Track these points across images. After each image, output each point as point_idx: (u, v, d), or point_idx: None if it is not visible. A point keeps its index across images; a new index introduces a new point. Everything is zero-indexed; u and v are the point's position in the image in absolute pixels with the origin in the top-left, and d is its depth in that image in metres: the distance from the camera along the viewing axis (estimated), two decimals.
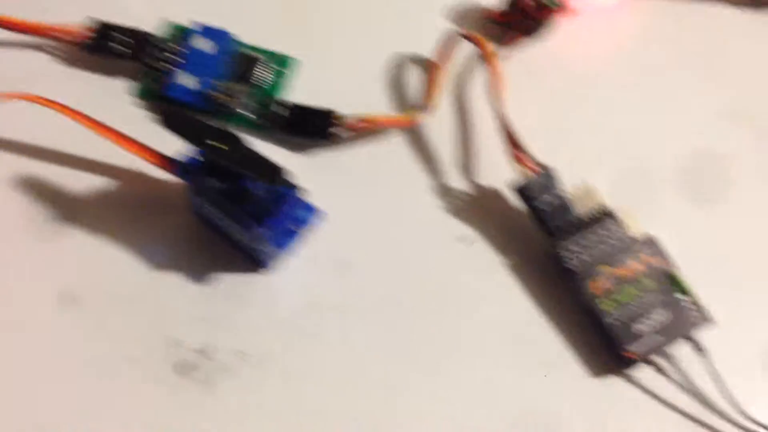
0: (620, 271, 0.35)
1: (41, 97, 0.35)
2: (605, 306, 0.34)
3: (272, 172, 0.31)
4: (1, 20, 0.38)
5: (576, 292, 0.35)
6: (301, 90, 0.39)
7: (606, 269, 0.35)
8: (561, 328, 0.36)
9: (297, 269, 0.36)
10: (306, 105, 0.38)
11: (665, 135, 0.39)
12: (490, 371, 0.35)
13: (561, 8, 0.39)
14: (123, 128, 0.36)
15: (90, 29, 0.38)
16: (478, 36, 0.38)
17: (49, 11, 0.39)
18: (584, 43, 0.41)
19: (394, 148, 0.38)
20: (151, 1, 0.40)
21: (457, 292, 0.36)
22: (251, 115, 0.38)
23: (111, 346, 0.35)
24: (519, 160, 0.36)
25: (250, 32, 0.39)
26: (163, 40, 0.39)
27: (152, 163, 0.35)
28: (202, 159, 0.32)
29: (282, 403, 0.34)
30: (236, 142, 0.31)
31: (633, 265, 0.35)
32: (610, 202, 0.36)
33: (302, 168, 0.37)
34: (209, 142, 0.31)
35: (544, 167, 0.36)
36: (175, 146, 0.35)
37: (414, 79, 0.40)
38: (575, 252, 0.35)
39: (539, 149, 0.36)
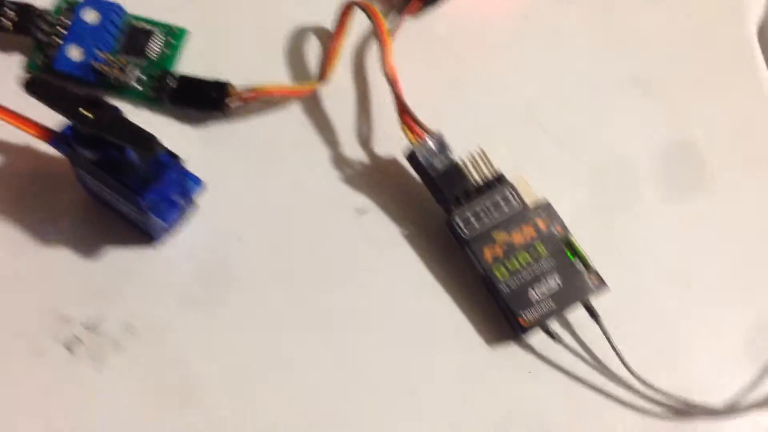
0: (514, 238, 0.34)
1: None
2: (499, 273, 0.34)
3: (144, 140, 0.30)
4: None
5: (471, 260, 0.34)
6: (195, 62, 0.38)
7: (500, 236, 0.34)
8: (457, 297, 0.35)
9: (188, 242, 0.35)
10: (197, 76, 0.37)
11: (564, 101, 0.39)
12: (386, 343, 0.35)
13: None
14: (11, 103, 0.34)
15: None
16: (370, 4, 0.37)
17: None
18: (483, 9, 0.41)
19: (290, 119, 0.38)
20: None
21: (352, 264, 0.36)
22: (142, 88, 0.37)
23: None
24: (409, 127, 0.35)
25: (140, 4, 0.38)
26: (50, 13, 0.38)
27: (30, 133, 0.33)
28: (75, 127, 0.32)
29: (170, 376, 0.34)
30: (107, 110, 0.30)
31: (527, 231, 0.35)
32: (506, 169, 0.36)
33: (195, 141, 0.37)
34: (76, 110, 0.30)
35: (433, 133, 0.35)
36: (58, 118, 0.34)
37: (312, 49, 0.39)
38: (469, 219, 0.34)
39: (436, 117, 0.36)
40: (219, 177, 0.35)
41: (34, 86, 0.30)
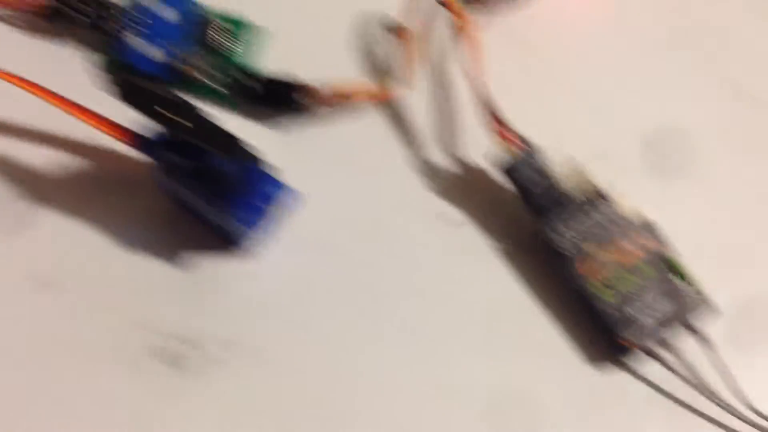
0: (614, 254, 0.33)
1: None
2: (598, 290, 0.33)
3: (228, 142, 0.29)
4: None
5: (567, 276, 0.33)
6: (270, 59, 0.36)
7: (598, 252, 0.33)
8: (552, 313, 0.34)
9: (271, 250, 0.34)
10: (278, 77, 0.35)
11: (660, 110, 0.37)
12: (477, 356, 0.33)
13: None
14: (86, 101, 0.33)
15: None
16: (458, 7, 0.35)
17: None
18: (569, 8, 0.39)
19: (373, 123, 0.36)
20: None
21: (442, 275, 0.34)
22: (218, 87, 0.36)
23: (88, 332, 0.33)
24: (502, 136, 0.34)
25: (218, 0, 0.37)
26: (124, 8, 0.36)
27: (114, 137, 0.32)
28: (163, 132, 0.30)
29: (267, 393, 0.33)
30: (190, 111, 0.29)
31: (627, 248, 0.33)
32: (601, 181, 0.34)
33: (273, 144, 0.35)
34: (160, 111, 0.28)
35: (529, 143, 0.34)
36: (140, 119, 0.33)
37: (389, 47, 0.38)
38: (565, 233, 0.33)
39: (522, 123, 0.34)
40: (299, 183, 0.34)
41: (128, 94, 0.28)
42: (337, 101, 0.35)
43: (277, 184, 0.31)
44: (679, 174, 0.36)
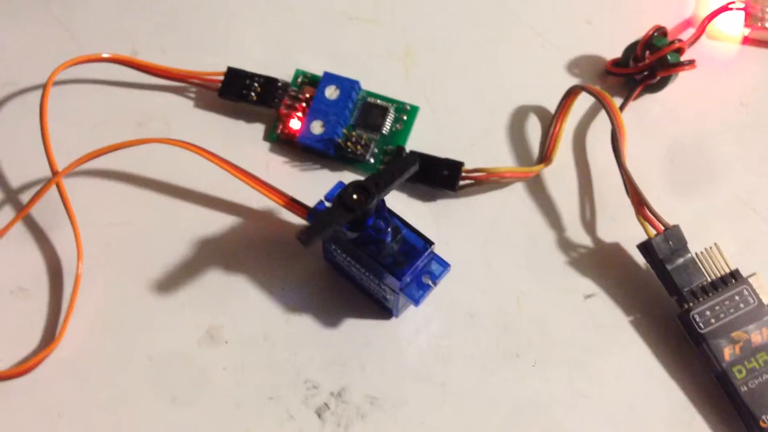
0: (753, 337, 0.35)
1: (180, 141, 0.36)
2: (738, 373, 0.34)
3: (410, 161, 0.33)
4: (149, 66, 0.40)
5: (706, 357, 0.35)
6: (423, 138, 0.40)
7: (737, 333, 0.35)
8: (687, 391, 0.36)
9: (421, 317, 0.37)
10: (431, 154, 0.38)
11: None
12: (608, 427, 0.35)
13: (684, 63, 0.39)
14: (256, 171, 0.37)
15: (221, 75, 0.40)
16: (602, 91, 0.38)
17: (195, 60, 0.41)
18: (702, 96, 0.41)
19: (515, 199, 0.39)
20: (285, 52, 0.42)
21: (577, 345, 0.36)
22: (376, 162, 0.39)
23: (252, 385, 0.36)
24: (645, 217, 0.36)
25: (373, 82, 0.40)
26: (292, 87, 0.40)
27: (286, 208, 0.36)
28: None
29: None
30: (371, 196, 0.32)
31: (766, 331, 0.35)
32: (740, 264, 0.36)
33: (426, 215, 0.39)
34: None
35: (670, 226, 0.36)
36: (309, 192, 0.36)
37: (534, 129, 0.40)
38: (705, 314, 0.35)
39: (658, 203, 0.36)
40: (449, 252, 0.36)
41: (307, 239, 0.31)
42: (486, 178, 0.38)
43: (443, 264, 0.34)
44: None
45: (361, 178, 0.38)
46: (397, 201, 0.39)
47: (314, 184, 0.39)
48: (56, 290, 0.37)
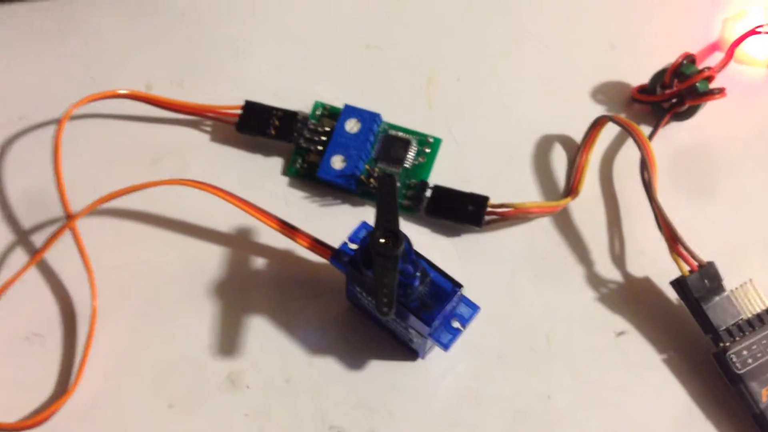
0: None
1: (196, 182, 0.35)
2: None
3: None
4: (164, 101, 0.39)
5: (743, 398, 0.34)
6: (446, 171, 0.39)
7: None
8: (723, 431, 0.34)
9: (450, 359, 0.35)
10: (455, 189, 0.37)
11: None
12: None
13: (714, 92, 0.38)
14: (274, 206, 0.36)
15: (239, 108, 0.39)
16: (631, 122, 0.37)
17: (212, 92, 0.40)
18: (731, 123, 0.40)
19: (541, 233, 0.38)
20: (303, 83, 0.41)
21: (610, 385, 0.35)
22: (401, 199, 0.38)
23: (274, 431, 0.35)
24: (678, 253, 0.35)
25: (394, 113, 0.39)
26: (311, 120, 0.39)
27: (310, 249, 0.35)
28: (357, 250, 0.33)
29: None
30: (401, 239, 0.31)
31: None
32: None
33: (450, 251, 0.38)
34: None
35: (704, 263, 0.35)
36: (330, 229, 0.35)
37: (559, 159, 0.39)
38: (742, 354, 0.34)
39: (689, 236, 0.35)
40: (475, 290, 0.35)
41: (389, 310, 0.30)
42: (513, 214, 0.37)
43: (472, 306, 0.33)
44: None
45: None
46: (420, 237, 0.38)
47: (335, 221, 0.38)
48: (71, 335, 0.36)
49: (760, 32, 0.40)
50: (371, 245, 0.31)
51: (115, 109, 0.40)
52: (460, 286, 0.33)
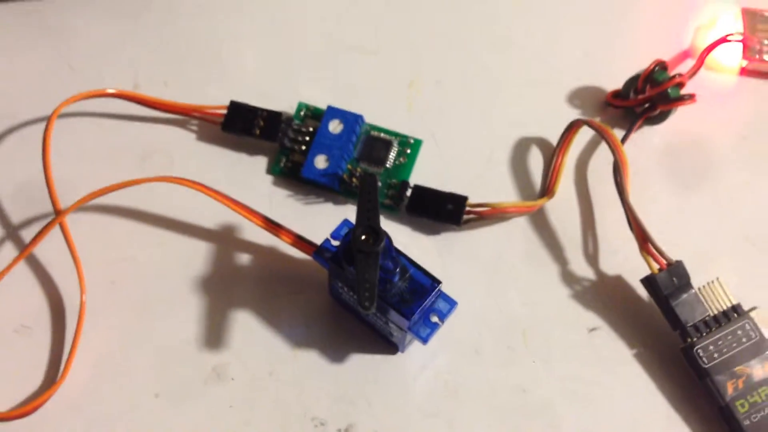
0: (755, 371, 0.35)
1: (183, 179, 0.36)
2: (741, 407, 0.35)
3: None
4: (152, 101, 0.40)
5: (709, 390, 0.35)
6: (426, 171, 0.40)
7: (740, 368, 0.35)
8: (691, 424, 0.36)
9: (425, 353, 0.37)
10: (435, 189, 0.39)
11: None
12: None
13: (684, 98, 0.40)
14: (259, 204, 0.37)
15: (224, 108, 0.40)
16: (605, 126, 0.38)
17: (197, 91, 0.41)
18: (701, 127, 0.42)
19: (517, 232, 0.39)
20: (287, 84, 0.42)
21: (581, 379, 0.37)
22: (382, 198, 0.39)
23: (260, 423, 0.36)
24: (649, 252, 0.36)
25: (376, 114, 0.40)
26: (295, 121, 0.40)
27: (293, 245, 0.36)
28: (338, 246, 0.34)
29: None
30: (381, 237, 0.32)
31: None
32: (741, 298, 0.36)
33: (430, 249, 0.39)
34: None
35: (673, 261, 0.36)
36: (313, 226, 0.36)
37: (536, 161, 0.41)
38: (708, 349, 0.35)
39: (660, 236, 0.36)
40: (453, 287, 0.36)
41: (370, 304, 0.31)
42: (490, 213, 0.38)
43: (450, 301, 0.34)
44: None
45: None
46: (401, 235, 0.39)
47: (318, 218, 0.39)
48: (60, 328, 0.37)
49: (730, 40, 0.41)
50: (353, 242, 0.32)
51: (102, 108, 0.41)
52: (439, 282, 0.34)
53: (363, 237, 0.32)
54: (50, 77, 0.42)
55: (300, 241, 0.36)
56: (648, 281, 0.36)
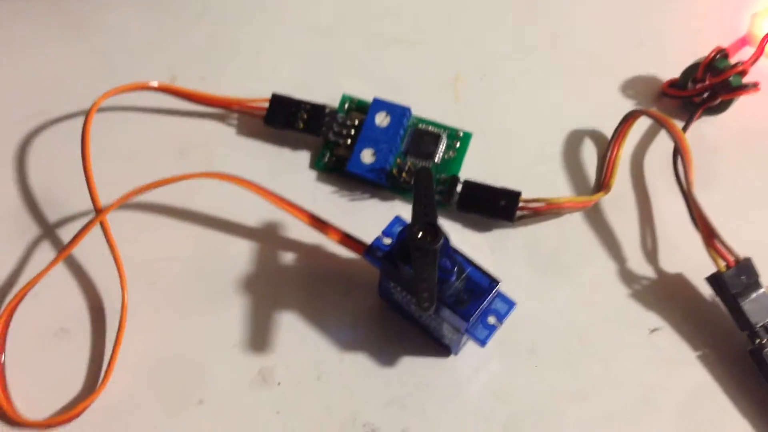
0: None
1: (227, 175, 0.35)
2: None
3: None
4: (192, 94, 0.39)
5: None
6: (476, 166, 0.38)
7: None
8: (758, 428, 0.34)
9: (483, 355, 0.35)
10: (487, 184, 0.37)
11: None
12: None
13: (748, 86, 0.38)
14: (302, 200, 0.36)
15: (266, 101, 0.38)
16: (665, 116, 0.36)
17: (236, 85, 0.40)
18: (762, 117, 0.40)
19: (574, 229, 0.38)
20: (328, 77, 0.40)
21: (644, 383, 0.35)
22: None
23: (308, 430, 0.34)
24: (715, 249, 0.34)
25: (422, 107, 0.39)
26: (340, 114, 0.38)
27: (341, 244, 0.34)
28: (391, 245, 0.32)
29: None
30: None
31: None
32: None
33: (482, 246, 0.37)
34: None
35: (741, 258, 0.34)
36: (360, 224, 0.35)
37: (589, 154, 0.39)
38: None
39: (723, 232, 0.35)
40: (506, 286, 0.34)
41: (430, 305, 0.30)
42: (545, 209, 0.37)
43: (508, 302, 0.32)
44: None
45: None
46: (451, 232, 0.37)
47: (365, 215, 0.37)
48: (100, 332, 0.35)
49: None
50: (409, 239, 0.30)
51: (139, 102, 0.39)
52: (498, 281, 0.32)
53: (420, 234, 0.30)
54: (86, 72, 0.40)
55: (348, 240, 0.34)
56: (715, 279, 0.34)
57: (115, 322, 0.35)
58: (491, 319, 0.32)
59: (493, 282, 0.32)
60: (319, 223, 0.35)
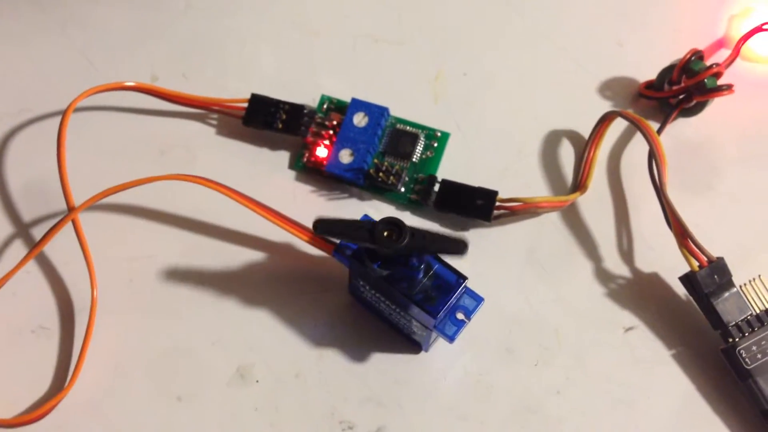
0: None
1: (201, 178, 0.35)
2: None
3: (459, 244, 0.30)
4: (171, 94, 0.39)
5: (752, 393, 0.34)
6: (454, 165, 0.39)
7: None
8: (731, 426, 0.35)
9: (454, 352, 0.36)
10: (464, 183, 0.37)
11: None
12: None
13: (722, 88, 0.38)
14: (282, 200, 0.36)
15: (245, 102, 0.39)
16: (640, 117, 0.37)
17: (217, 85, 0.40)
18: (737, 119, 0.40)
19: (550, 228, 0.38)
20: (309, 76, 0.40)
21: (618, 380, 0.35)
22: (406, 191, 0.38)
23: (286, 426, 0.34)
24: (688, 249, 0.35)
25: (401, 107, 0.39)
26: (318, 114, 0.39)
27: (312, 244, 0.34)
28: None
29: None
30: (407, 229, 0.31)
31: None
32: None
33: None
34: (379, 235, 0.30)
35: (714, 258, 0.35)
36: None
37: (566, 154, 0.39)
38: (751, 349, 0.34)
39: (697, 231, 0.35)
40: (483, 284, 0.35)
41: (321, 230, 0.31)
42: (522, 208, 0.37)
43: (476, 297, 0.33)
44: None
45: (391, 207, 0.38)
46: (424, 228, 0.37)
47: (343, 215, 0.37)
48: (72, 329, 0.35)
49: (766, 29, 0.40)
50: (377, 224, 0.31)
51: (119, 101, 0.40)
52: (465, 278, 0.32)
53: (385, 232, 0.31)
54: (66, 70, 0.40)
55: (317, 239, 0.34)
56: (688, 279, 0.35)
57: (87, 320, 0.35)
58: (459, 315, 0.33)
59: (461, 278, 0.32)
60: (290, 224, 0.35)
